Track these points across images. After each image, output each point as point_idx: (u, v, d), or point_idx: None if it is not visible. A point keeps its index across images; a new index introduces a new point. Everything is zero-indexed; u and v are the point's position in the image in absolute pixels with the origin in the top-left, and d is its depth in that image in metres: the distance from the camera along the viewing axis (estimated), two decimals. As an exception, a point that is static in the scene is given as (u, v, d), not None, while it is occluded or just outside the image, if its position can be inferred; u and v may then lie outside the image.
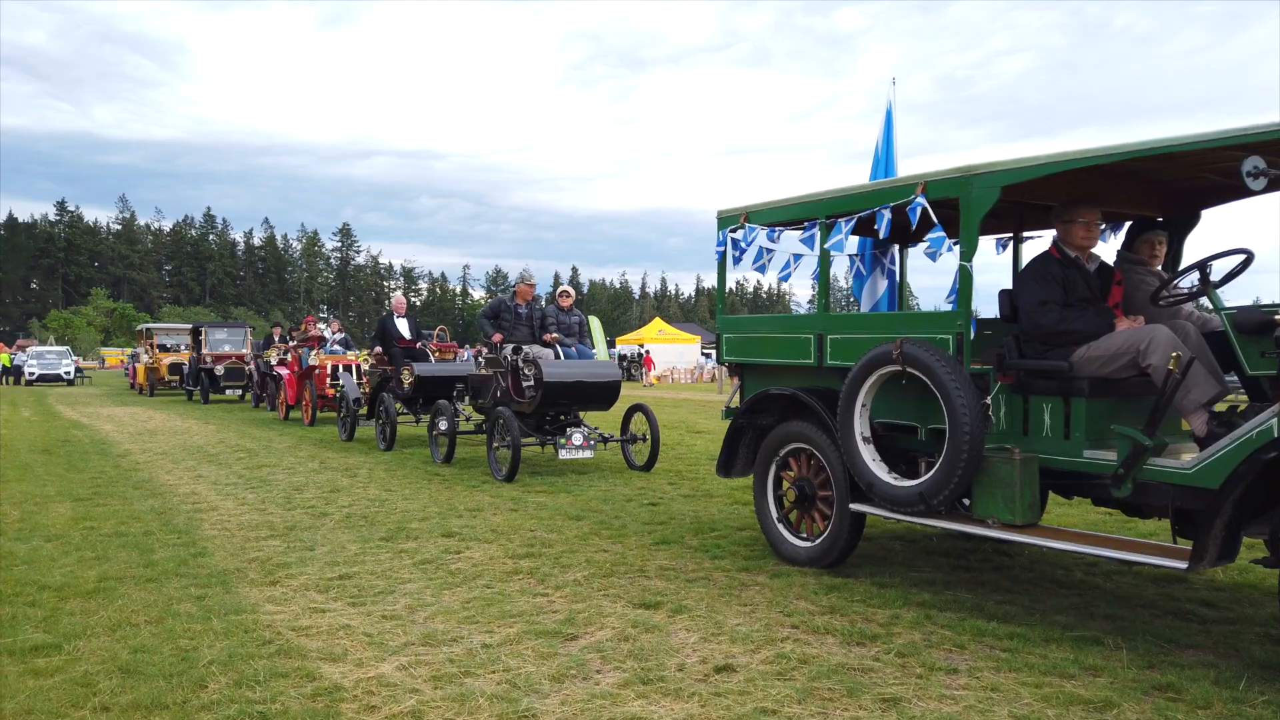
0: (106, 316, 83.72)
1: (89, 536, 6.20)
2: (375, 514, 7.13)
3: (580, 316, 10.66)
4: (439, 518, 6.97)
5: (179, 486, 8.69)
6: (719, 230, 6.00)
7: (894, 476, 4.63)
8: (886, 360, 4.56)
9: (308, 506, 7.50)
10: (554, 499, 7.93)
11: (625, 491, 8.32)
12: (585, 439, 9.31)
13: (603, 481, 8.98)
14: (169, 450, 11.97)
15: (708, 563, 5.44)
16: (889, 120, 6.87)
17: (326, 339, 17.79)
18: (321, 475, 9.51)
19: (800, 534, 5.41)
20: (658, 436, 9.61)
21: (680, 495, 8.10)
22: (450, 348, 13.62)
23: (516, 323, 10.23)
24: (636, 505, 7.55)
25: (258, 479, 9.22)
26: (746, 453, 5.86)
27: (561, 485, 8.70)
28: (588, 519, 6.90)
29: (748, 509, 7.36)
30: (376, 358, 13.01)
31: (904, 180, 4.71)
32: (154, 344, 29.63)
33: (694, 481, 8.96)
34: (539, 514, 7.14)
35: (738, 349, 5.91)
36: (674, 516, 6.99)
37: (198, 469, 10.08)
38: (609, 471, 9.75)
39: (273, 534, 6.36)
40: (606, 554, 5.70)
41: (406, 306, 13.35)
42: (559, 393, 9.32)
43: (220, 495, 8.15)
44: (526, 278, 10.46)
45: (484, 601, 4.58)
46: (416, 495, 8.12)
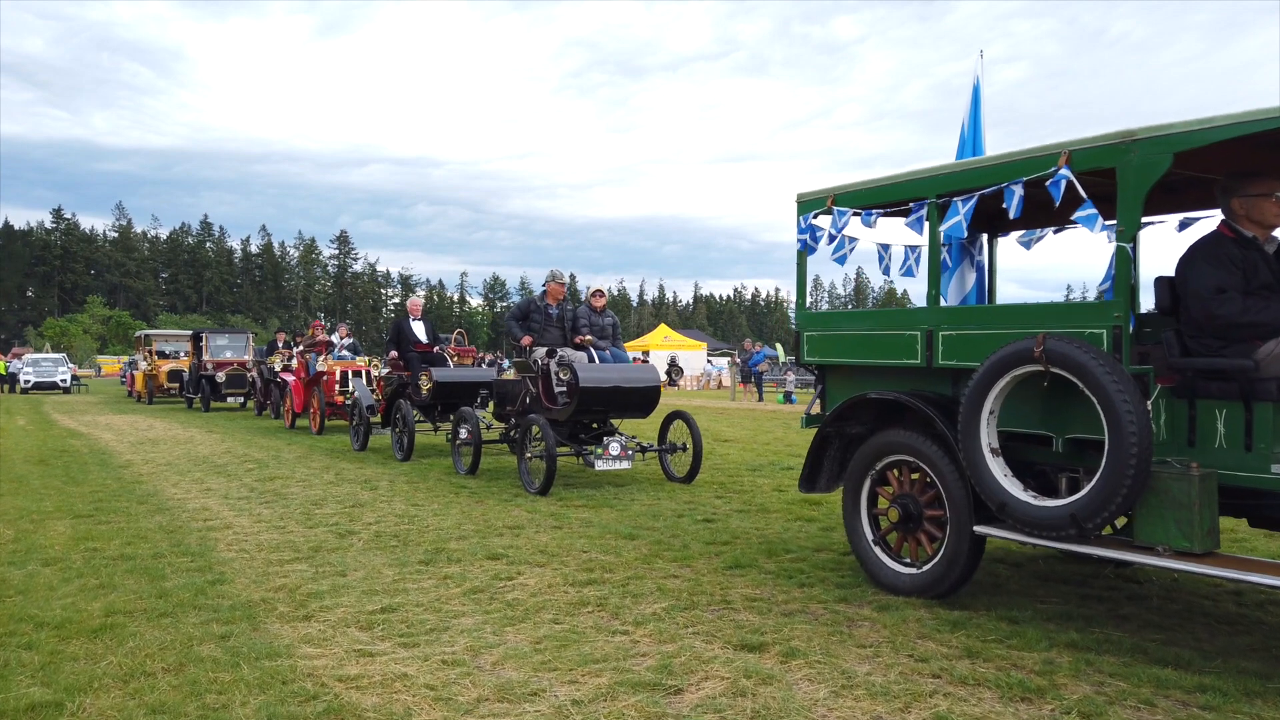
0: (103, 324, 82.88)
1: (92, 560, 5.54)
2: (407, 532, 6.47)
3: (613, 318, 10.02)
4: (478, 537, 6.31)
5: (187, 501, 8.02)
6: (799, 216, 5.37)
7: (1033, 495, 3.98)
8: (1024, 359, 3.91)
9: (330, 524, 6.84)
10: (598, 514, 7.27)
11: (672, 506, 7.66)
12: (623, 449, 8.66)
13: (644, 494, 8.33)
14: (173, 461, 11.30)
15: (797, 592, 4.79)
16: (976, 97, 6.25)
17: (334, 344, 17.13)
18: (339, 488, 8.85)
19: (903, 559, 4.76)
20: (700, 446, 8.96)
21: (733, 510, 7.44)
22: (469, 352, 12.96)
23: (547, 324, 9.58)
24: (690, 522, 6.90)
25: (271, 492, 8.55)
26: (833, 466, 5.22)
27: (601, 499, 8.05)
28: (643, 538, 6.24)
29: (815, 526, 6.71)
30: (391, 363, 12.35)
31: (1040, 150, 4.08)
32: (153, 351, 28.94)
33: (743, 494, 8.31)
34: (586, 532, 6.49)
35: (822, 348, 5.26)
36: (736, 535, 6.33)
37: (205, 481, 9.41)
38: (647, 483, 9.10)
39: (297, 556, 5.70)
40: (678, 580, 5.05)
41: (422, 309, 12.69)
42: (595, 399, 8.68)
43: (233, 511, 7.48)
44: (557, 276, 9.80)
45: (556, 641, 3.93)
46: (447, 511, 7.46)
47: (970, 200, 4.34)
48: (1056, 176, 3.90)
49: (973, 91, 6.29)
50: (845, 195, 5.06)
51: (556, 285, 9.75)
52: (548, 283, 9.81)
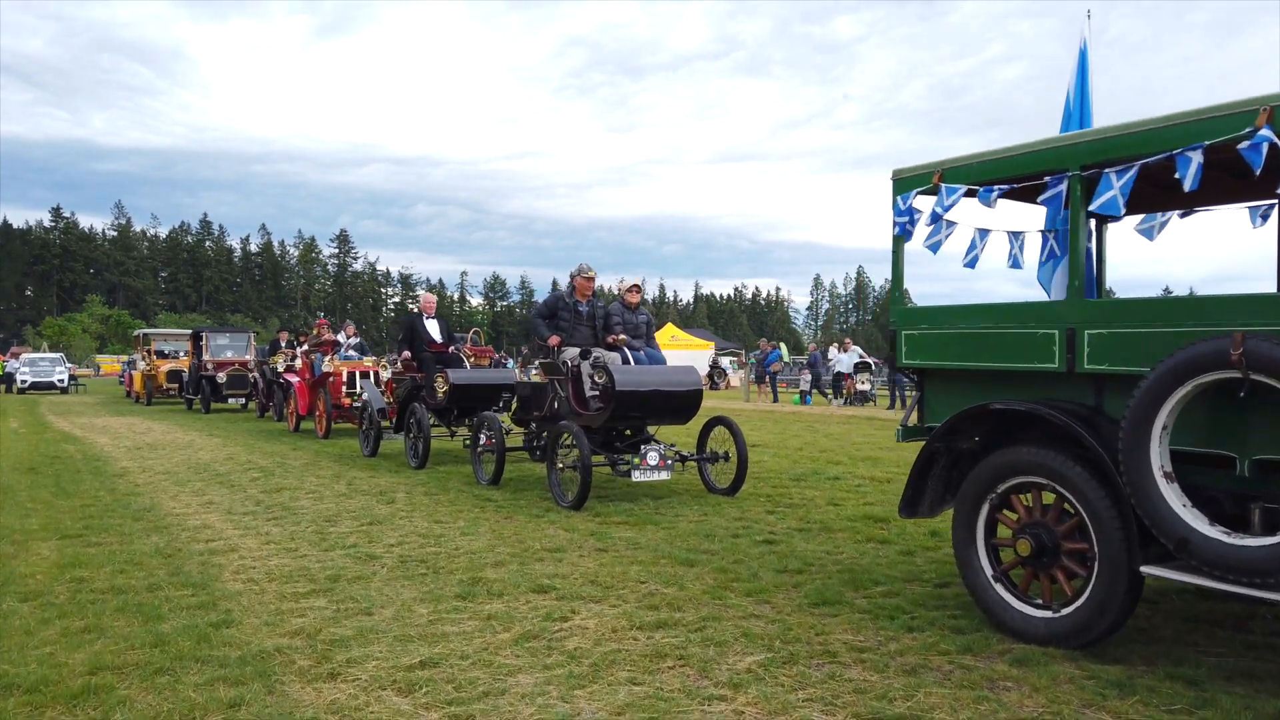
0: (102, 323, 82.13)
1: (78, 594, 4.81)
2: (435, 557, 5.74)
3: (648, 316, 9.28)
4: (516, 562, 5.58)
5: (187, 517, 7.29)
6: (895, 196, 4.64)
7: (1223, 530, 3.25)
8: (1215, 363, 3.19)
9: (348, 546, 6.11)
10: (643, 534, 6.55)
11: (723, 523, 6.94)
12: (662, 458, 7.94)
13: (688, 509, 7.60)
14: (172, 469, 10.57)
15: (908, 639, 4.06)
16: (1084, 61, 5.52)
17: (340, 343, 16.39)
18: (353, 501, 8.12)
19: (1032, 599, 4.03)
20: (745, 456, 8.23)
21: (793, 530, 6.71)
22: (486, 352, 12.22)
23: (576, 322, 8.85)
24: (749, 544, 6.17)
25: (279, 506, 7.82)
26: (937, 487, 4.49)
27: (642, 514, 7.32)
28: (703, 564, 5.51)
29: (892, 550, 5.98)
30: (404, 363, 11.62)
31: (1229, 108, 3.35)
32: (151, 350, 28.21)
33: (796, 510, 7.58)
34: (637, 556, 5.76)
35: (926, 350, 4.54)
36: (808, 562, 5.60)
37: (207, 492, 8.67)
38: (687, 496, 8.37)
39: (313, 588, 4.97)
40: (761, 622, 4.32)
41: (437, 306, 11.95)
42: (632, 404, 7.95)
43: (238, 529, 6.75)
44: (585, 270, 9.04)
45: (642, 713, 3.20)
46: (475, 529, 6.74)
47: (1128, 172, 3.61)
48: (1256, 139, 3.18)
49: (1079, 55, 5.56)
50: (958, 169, 4.33)
51: (584, 280, 9.00)
52: (575, 277, 9.06)
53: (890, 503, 7.82)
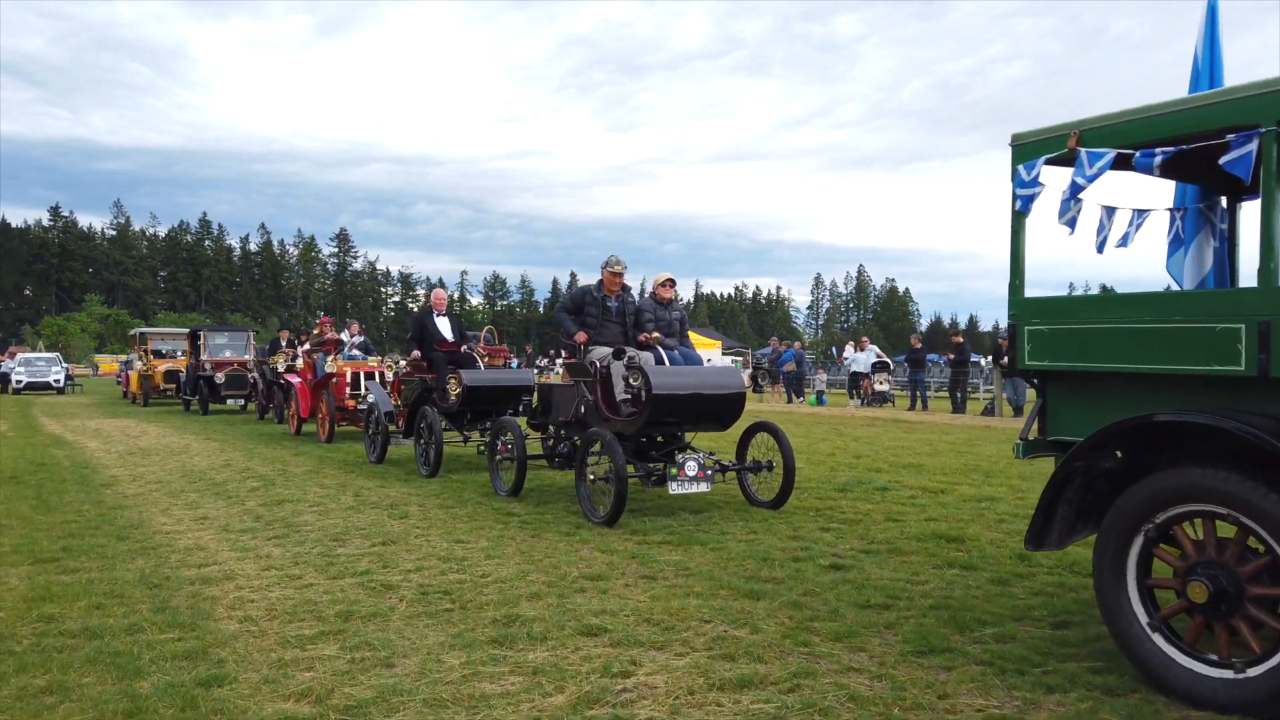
0: (100, 323, 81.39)
1: (43, 640, 4.07)
2: (460, 587, 5.01)
3: (681, 313, 8.54)
4: (554, 594, 4.84)
5: (178, 536, 6.55)
6: (1016, 165, 3.90)
7: None
8: None
9: (360, 572, 5.37)
10: (690, 556, 5.81)
11: (777, 544, 6.20)
12: (701, 468, 7.20)
13: (732, 525, 6.86)
14: (164, 478, 9.83)
15: (1050, 702, 3.32)
16: (1213, 16, 4.79)
17: (344, 343, 15.66)
18: (361, 515, 7.38)
19: (1204, 654, 3.29)
20: (792, 466, 7.48)
21: (858, 551, 5.97)
22: (500, 351, 11.48)
23: (605, 319, 8.10)
24: (815, 569, 5.43)
25: (280, 522, 7.09)
26: (1069, 514, 3.75)
27: (684, 532, 6.58)
28: (769, 596, 4.78)
29: (981, 577, 5.24)
30: (413, 363, 10.88)
31: None
32: (148, 350, 27.47)
33: (852, 526, 6.84)
34: (691, 586, 5.02)
35: (1058, 348, 3.80)
36: (892, 595, 4.86)
37: (201, 505, 7.94)
38: (728, 509, 7.63)
39: (322, 629, 4.23)
40: (862, 677, 3.58)
41: (448, 303, 11.21)
42: (669, 409, 7.22)
43: (235, 551, 6.01)
44: (613, 263, 8.27)
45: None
46: (501, 550, 6.00)
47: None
48: None
49: (1207, 11, 4.82)
50: (1102, 130, 3.60)
51: (612, 274, 8.23)
52: (603, 269, 8.30)
53: (955, 518, 7.10)
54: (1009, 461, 10.89)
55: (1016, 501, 7.88)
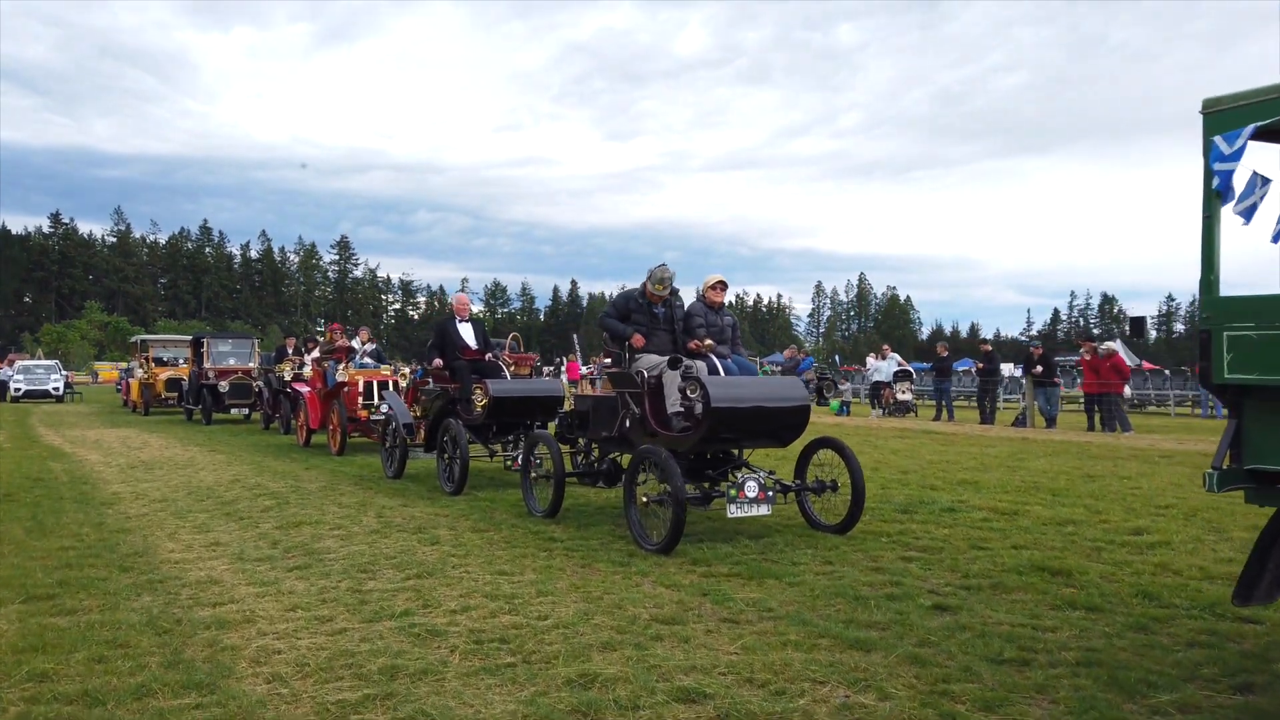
0: (100, 330, 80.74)
1: (35, 706, 3.40)
2: (519, 634, 4.33)
3: (733, 318, 7.88)
4: (630, 644, 4.17)
5: (188, 566, 5.88)
6: (1210, 138, 3.24)
7: None
8: None
9: (398, 614, 4.69)
10: (767, 591, 5.14)
11: (859, 576, 5.53)
12: (761, 489, 6.53)
13: (798, 552, 6.19)
14: (170, 495, 9.15)
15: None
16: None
17: (355, 350, 14.99)
18: (389, 541, 6.71)
19: None
20: (862, 486, 6.81)
21: (956, 587, 5.30)
22: (527, 359, 10.81)
23: (653, 326, 7.44)
24: (917, 610, 4.75)
25: (300, 548, 6.42)
26: (1283, 560, 3.08)
27: (748, 560, 5.91)
28: (882, 648, 4.10)
29: (1118, 622, 4.56)
30: (434, 373, 10.22)
31: None
32: (150, 357, 26.80)
33: (935, 555, 6.17)
34: (782, 631, 4.35)
35: (1273, 358, 3.12)
36: (1025, 646, 4.18)
37: (211, 528, 7.27)
38: (788, 532, 6.96)
39: (365, 691, 3.56)
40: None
41: (470, 308, 10.55)
42: (728, 423, 6.56)
43: (253, 585, 5.34)
44: (660, 276, 7.47)
45: None
46: (551, 583, 5.33)
47: None
48: None
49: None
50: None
51: (657, 290, 7.46)
52: (648, 284, 7.53)
53: (1045, 545, 6.43)
54: (1068, 478, 10.23)
55: (1102, 525, 7.21)
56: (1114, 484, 9.66)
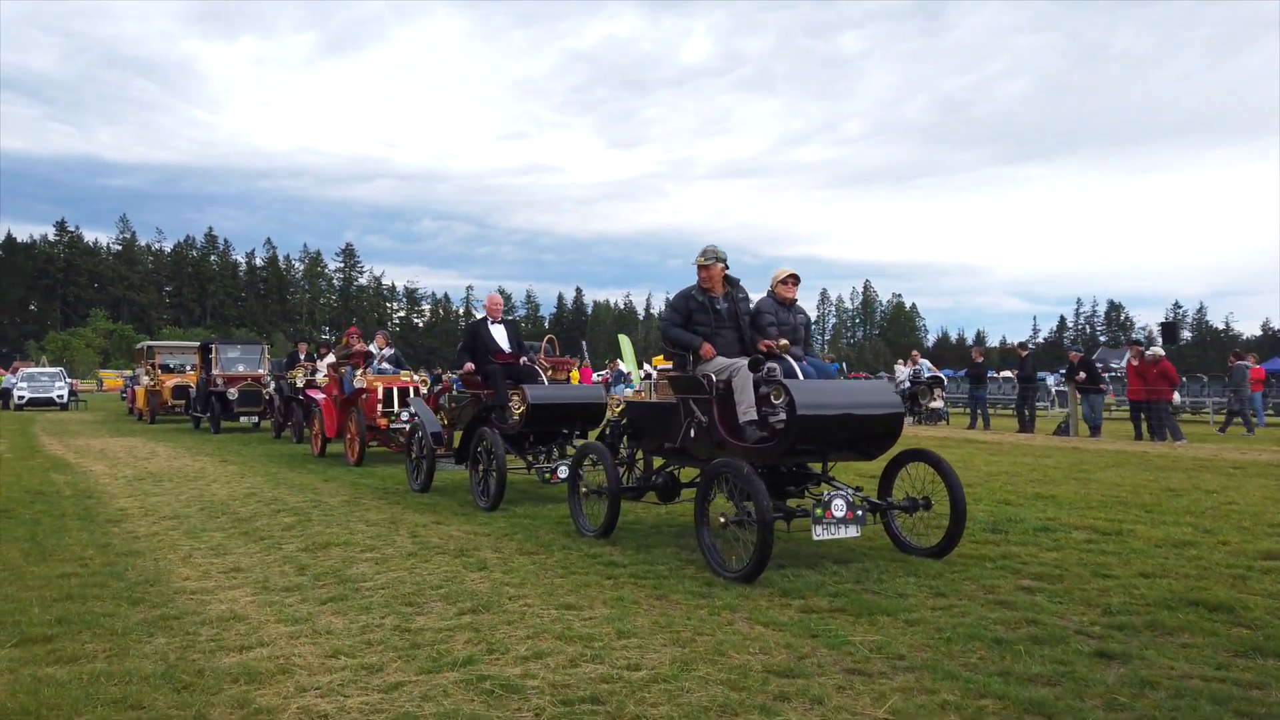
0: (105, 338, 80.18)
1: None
2: (612, 693, 3.58)
3: (806, 316, 7.14)
4: (758, 711, 3.40)
5: (206, 597, 5.14)
6: None
7: None
8: None
9: (460, 661, 3.94)
10: (883, 633, 4.39)
11: (982, 611, 4.77)
12: (850, 507, 5.77)
13: (898, 580, 5.44)
14: (182, 511, 8.42)
15: None
16: None
17: (373, 355, 14.27)
18: (429, 565, 5.97)
19: None
20: (963, 505, 6.04)
21: (1106, 626, 4.54)
22: (564, 364, 10.07)
23: (718, 325, 6.69)
24: (1075, 656, 3.99)
25: (331, 575, 5.67)
26: None
27: (846, 592, 5.15)
28: (1065, 714, 3.34)
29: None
30: (465, 377, 9.48)
31: None
32: (156, 364, 26.12)
33: (1053, 583, 5.41)
34: (932, 690, 3.60)
35: None
36: (1240, 711, 3.42)
37: (229, 549, 6.53)
38: (877, 555, 6.21)
39: (442, 776, 2.81)
40: None
41: (503, 309, 9.81)
42: (814, 433, 5.80)
43: (283, 622, 4.60)
44: (711, 254, 6.75)
45: None
46: (630, 620, 4.57)
47: None
48: None
49: None
50: None
51: (709, 270, 6.72)
52: (701, 265, 6.80)
53: (1178, 573, 5.67)
54: (1149, 492, 9.46)
55: (1224, 548, 6.44)
56: (1203, 499, 8.89)
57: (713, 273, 6.77)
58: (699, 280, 6.85)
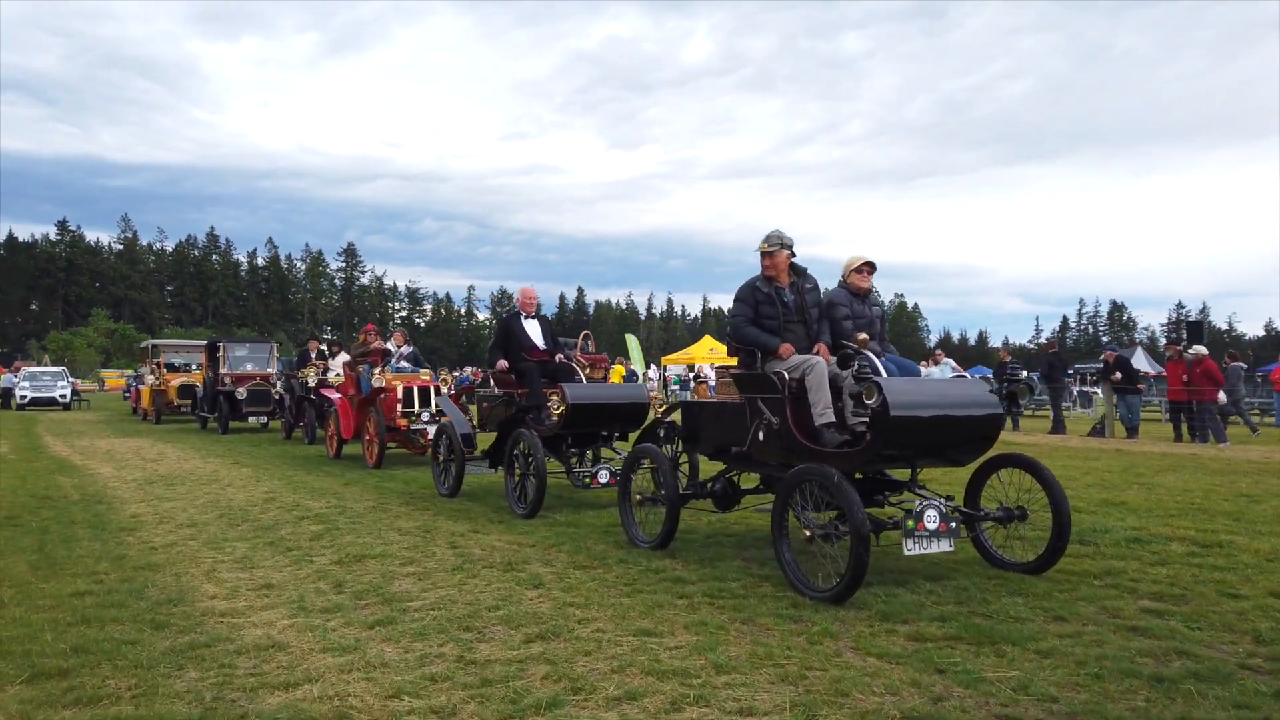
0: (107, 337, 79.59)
1: None
2: (736, 744, 3.02)
3: (882, 309, 6.59)
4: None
5: (238, 620, 4.58)
6: None
7: None
8: None
9: (545, 704, 3.40)
10: (1020, 668, 3.85)
11: (1121, 640, 4.22)
12: (943, 519, 5.21)
13: (1005, 601, 4.88)
14: (199, 518, 7.87)
15: None
16: None
17: (391, 353, 13.72)
18: (478, 582, 5.41)
19: None
20: (1067, 515, 5.48)
21: (1276, 660, 3.98)
22: (601, 361, 9.51)
23: (786, 319, 6.13)
24: (1267, 702, 3.44)
25: (374, 593, 5.12)
26: None
27: (951, 615, 4.61)
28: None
29: None
30: (498, 376, 8.93)
31: None
32: (161, 363, 25.57)
33: (1178, 604, 4.86)
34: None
35: None
36: None
37: (255, 561, 5.99)
38: (969, 570, 5.65)
39: None
40: None
41: (538, 304, 9.24)
42: (907, 437, 5.24)
43: (330, 652, 4.04)
44: (776, 240, 6.18)
45: None
46: (722, 649, 4.02)
47: None
48: None
49: None
50: None
51: (773, 258, 6.15)
52: (765, 253, 6.21)
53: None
54: (1223, 497, 8.92)
55: (1344, 561, 5.89)
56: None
57: (777, 260, 6.20)
58: (762, 269, 6.28)
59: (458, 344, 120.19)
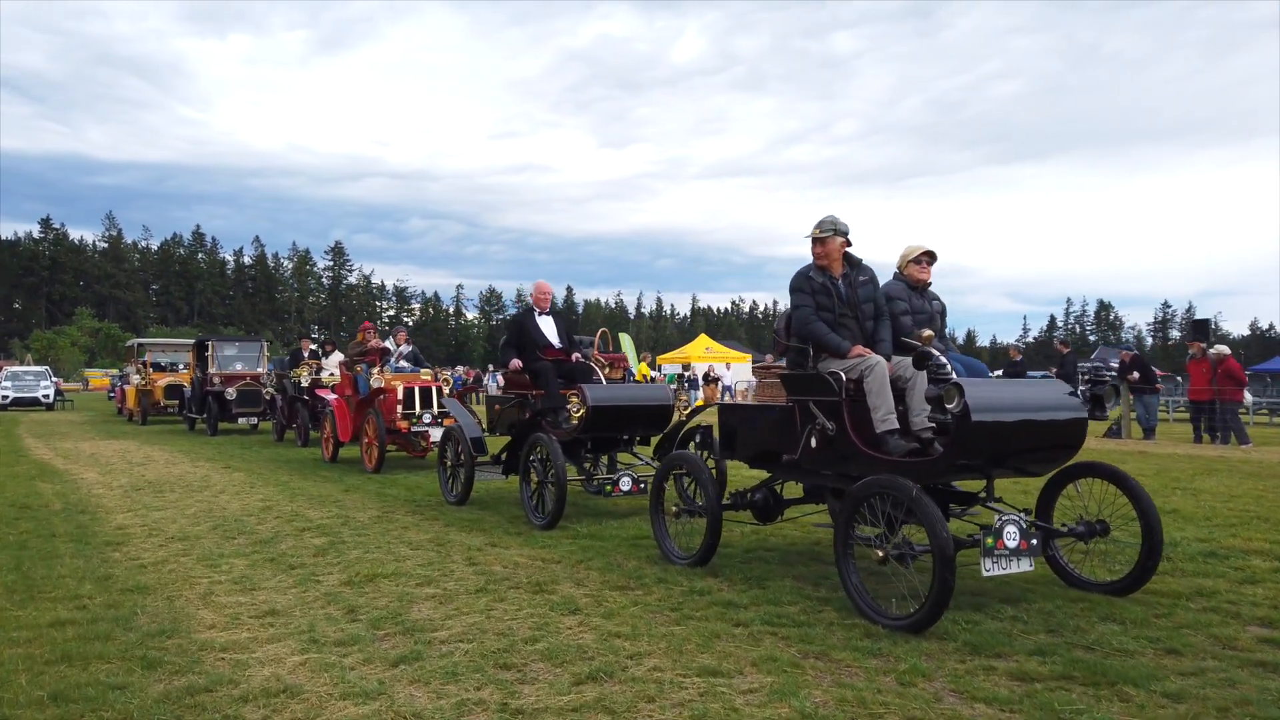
0: (91, 336, 78.43)
1: None
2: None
3: (941, 302, 6.06)
4: None
5: (242, 657, 4.01)
6: None
7: None
8: None
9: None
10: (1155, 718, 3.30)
11: (1257, 680, 3.71)
12: (1024, 536, 4.69)
13: (1101, 629, 4.37)
14: (191, 530, 7.27)
15: None
16: None
17: (390, 352, 13.13)
18: (507, 607, 4.85)
19: None
20: (1159, 530, 4.97)
21: None
22: (620, 360, 8.95)
23: (841, 313, 5.58)
24: None
25: (392, 621, 4.56)
26: None
27: (1055, 650, 4.08)
28: None
29: None
30: (511, 376, 8.37)
31: None
32: (147, 363, 24.87)
33: (1304, 632, 4.34)
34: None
35: None
36: None
37: (257, 584, 5.40)
38: (1051, 595, 5.13)
39: None
40: None
41: (552, 300, 8.68)
42: (987, 443, 4.71)
43: (352, 699, 3.48)
44: (830, 225, 5.61)
45: None
46: (807, 698, 3.50)
47: None
48: None
49: None
50: None
51: (825, 245, 5.57)
52: (818, 238, 5.63)
53: None
54: (1272, 504, 8.43)
55: None
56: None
57: (830, 248, 5.62)
58: (814, 257, 5.71)
59: (446, 343, 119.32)
